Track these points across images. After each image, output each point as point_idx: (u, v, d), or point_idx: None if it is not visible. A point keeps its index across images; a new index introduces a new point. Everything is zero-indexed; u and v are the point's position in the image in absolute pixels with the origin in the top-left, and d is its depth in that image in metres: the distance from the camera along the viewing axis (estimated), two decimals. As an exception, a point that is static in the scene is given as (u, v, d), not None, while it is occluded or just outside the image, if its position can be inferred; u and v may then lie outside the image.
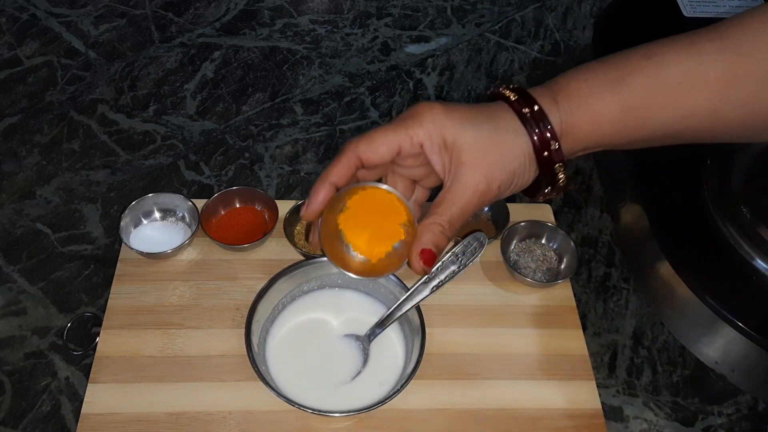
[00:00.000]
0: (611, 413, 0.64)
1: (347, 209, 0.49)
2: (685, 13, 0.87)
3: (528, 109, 0.45)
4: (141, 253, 0.68)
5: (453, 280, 0.65)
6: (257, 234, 0.71)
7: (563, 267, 0.71)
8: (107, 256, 0.72)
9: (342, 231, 0.49)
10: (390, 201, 0.50)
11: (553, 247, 0.73)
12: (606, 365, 0.68)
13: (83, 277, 0.71)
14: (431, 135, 0.46)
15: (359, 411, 0.59)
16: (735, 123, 0.45)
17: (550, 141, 0.45)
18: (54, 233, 0.74)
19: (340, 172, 0.47)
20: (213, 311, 0.67)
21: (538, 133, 0.45)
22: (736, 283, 0.65)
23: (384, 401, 0.58)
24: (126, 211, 0.70)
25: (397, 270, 0.49)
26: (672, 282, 0.66)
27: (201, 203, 0.72)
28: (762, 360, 0.62)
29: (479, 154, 0.45)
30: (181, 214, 0.73)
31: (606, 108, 0.45)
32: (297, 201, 0.73)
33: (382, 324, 0.64)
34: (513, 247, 0.73)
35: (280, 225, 0.72)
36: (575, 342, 0.67)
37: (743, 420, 0.65)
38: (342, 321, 0.67)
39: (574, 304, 0.70)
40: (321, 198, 0.47)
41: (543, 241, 0.73)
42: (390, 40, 1.00)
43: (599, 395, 0.63)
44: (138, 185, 0.79)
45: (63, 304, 0.69)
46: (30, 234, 0.74)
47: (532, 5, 1.07)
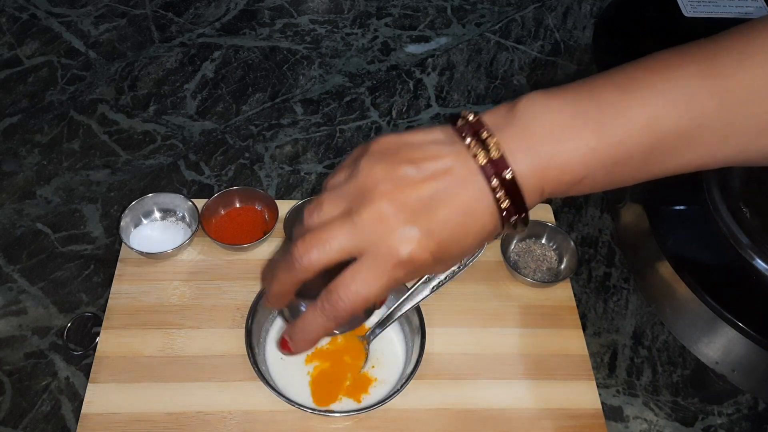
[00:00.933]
0: (611, 413, 0.64)
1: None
2: (685, 13, 0.87)
3: (484, 154, 0.39)
4: (141, 253, 0.68)
5: (453, 280, 0.65)
6: (257, 234, 0.71)
7: (563, 267, 0.71)
8: (107, 256, 0.72)
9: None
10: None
11: (553, 247, 0.73)
12: (606, 365, 0.68)
13: (83, 277, 0.71)
14: (412, 273, 0.41)
15: (359, 411, 0.59)
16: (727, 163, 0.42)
17: (505, 184, 0.40)
18: (54, 233, 0.74)
19: (298, 277, 0.42)
20: (213, 311, 0.67)
21: (497, 180, 0.40)
22: (736, 283, 0.65)
23: (384, 401, 0.58)
24: (126, 211, 0.70)
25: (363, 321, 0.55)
26: (672, 282, 0.66)
27: (201, 203, 0.72)
28: (762, 360, 0.62)
29: None
30: (181, 214, 0.73)
31: (574, 146, 0.40)
32: (297, 201, 0.73)
33: (382, 324, 0.64)
34: (513, 247, 0.73)
35: (280, 225, 0.72)
36: (575, 342, 0.67)
37: (743, 420, 0.65)
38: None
39: (574, 304, 0.70)
40: (284, 302, 0.46)
41: (543, 241, 0.73)
42: (390, 40, 1.00)
43: (599, 395, 0.63)
44: (138, 185, 0.79)
45: (63, 304, 0.69)
46: (30, 234, 0.74)
47: (532, 5, 1.07)
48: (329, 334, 0.45)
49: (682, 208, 0.70)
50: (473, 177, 0.40)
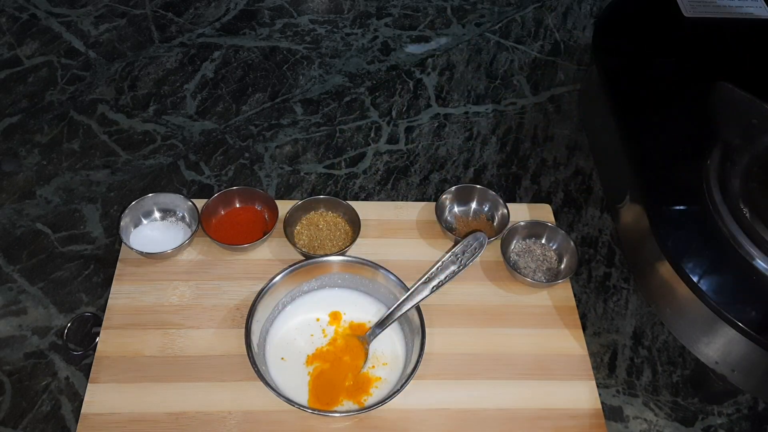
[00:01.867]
0: (611, 413, 0.64)
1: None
2: (685, 13, 0.86)
3: None
4: (141, 253, 0.68)
5: (453, 280, 0.65)
6: (257, 234, 0.71)
7: (563, 267, 0.71)
8: (107, 256, 0.72)
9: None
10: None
11: (553, 247, 0.73)
12: (606, 365, 0.68)
13: (83, 277, 0.71)
14: None
15: (359, 411, 0.59)
16: None
17: None
18: (54, 233, 0.74)
19: None
20: (213, 311, 0.67)
21: None
22: (736, 284, 0.65)
23: (384, 401, 0.58)
24: (126, 211, 0.70)
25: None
26: (672, 282, 0.66)
27: (201, 203, 0.72)
28: (762, 360, 0.62)
29: None
30: (181, 214, 0.73)
31: None
32: (297, 201, 0.73)
33: (382, 324, 0.64)
34: (513, 247, 0.73)
35: (280, 225, 0.72)
36: (575, 342, 0.67)
37: (743, 420, 0.65)
38: (342, 321, 0.66)
39: (574, 304, 0.70)
40: None
41: (543, 241, 0.73)
42: (390, 40, 1.00)
43: (599, 395, 0.63)
44: (138, 185, 0.79)
45: (63, 304, 0.69)
46: (30, 234, 0.74)
47: (532, 5, 1.07)
48: None
49: (682, 208, 0.70)
50: None
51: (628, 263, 0.75)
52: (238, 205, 0.74)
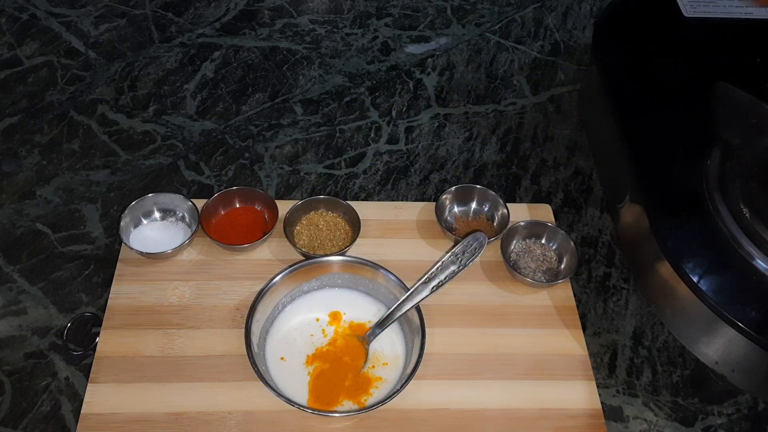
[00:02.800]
0: (611, 413, 0.64)
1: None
2: (685, 14, 0.86)
3: None
4: (141, 253, 0.68)
5: (453, 280, 0.65)
6: (257, 234, 0.71)
7: (563, 267, 0.71)
8: (107, 256, 0.72)
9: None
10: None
11: (553, 247, 0.73)
12: (606, 365, 0.68)
13: (83, 277, 0.71)
14: None
15: (359, 411, 0.59)
16: None
17: None
18: (54, 233, 0.74)
19: None
20: (213, 311, 0.67)
21: None
22: (736, 284, 0.65)
23: (384, 401, 0.58)
24: (126, 211, 0.70)
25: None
26: (672, 282, 0.66)
27: (201, 203, 0.72)
28: (762, 360, 0.62)
29: None
30: (181, 214, 0.73)
31: None
32: (297, 201, 0.73)
33: (382, 324, 0.64)
34: (513, 247, 0.73)
35: (280, 225, 0.72)
36: (575, 342, 0.67)
37: (743, 420, 0.65)
38: (342, 321, 0.67)
39: (574, 304, 0.70)
40: None
41: (543, 241, 0.73)
42: (390, 40, 1.00)
43: (599, 395, 0.63)
44: (138, 185, 0.79)
45: (63, 304, 0.69)
46: (30, 234, 0.74)
47: (532, 5, 1.07)
48: None
49: (682, 208, 0.70)
50: None
51: (628, 263, 0.75)
52: (238, 206, 0.74)
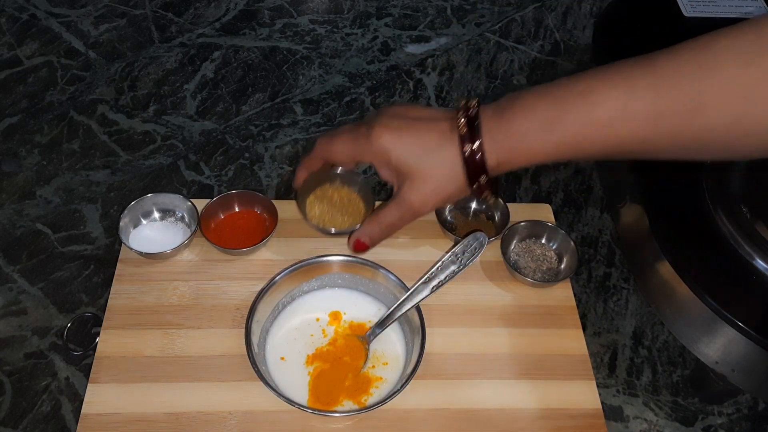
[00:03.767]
0: (611, 413, 0.64)
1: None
2: (685, 13, 0.87)
3: (470, 146, 0.52)
4: (140, 254, 0.68)
5: (453, 280, 0.65)
6: (256, 238, 0.71)
7: (563, 267, 0.71)
8: (107, 256, 0.72)
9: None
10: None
11: (553, 247, 0.73)
12: (606, 365, 0.68)
13: (83, 277, 0.71)
14: (379, 157, 0.56)
15: (359, 411, 0.59)
16: (665, 150, 0.48)
17: (482, 174, 0.53)
18: (54, 233, 0.74)
19: (312, 163, 0.63)
20: (213, 311, 0.67)
21: (474, 170, 0.52)
22: (736, 283, 0.65)
23: (384, 401, 0.58)
24: (125, 212, 0.70)
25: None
26: (672, 282, 0.66)
27: (201, 203, 0.72)
28: (762, 360, 0.62)
29: (420, 180, 0.54)
30: (181, 214, 0.73)
31: (541, 145, 0.51)
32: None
33: (382, 324, 0.64)
34: (513, 247, 0.73)
35: (280, 227, 0.72)
36: (575, 342, 0.67)
37: (743, 420, 0.65)
38: (342, 321, 0.67)
39: (574, 304, 0.70)
40: (302, 178, 0.65)
41: (543, 241, 0.73)
42: (390, 40, 1.00)
43: (599, 395, 0.63)
44: (138, 185, 0.79)
45: (63, 304, 0.69)
46: (30, 234, 0.74)
47: (532, 5, 1.07)
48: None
49: (682, 208, 0.70)
50: (455, 116, 0.53)
51: (628, 263, 0.75)
52: (237, 209, 0.73)
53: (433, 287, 0.64)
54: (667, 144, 0.48)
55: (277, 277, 0.65)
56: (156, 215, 0.73)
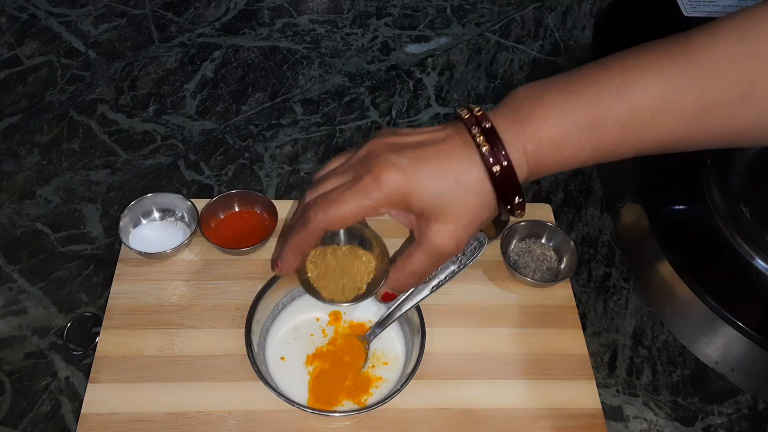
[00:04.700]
0: (611, 413, 0.64)
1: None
2: (685, 13, 0.86)
3: (498, 165, 0.44)
4: (140, 253, 0.68)
5: (453, 280, 0.65)
6: (256, 237, 0.71)
7: (563, 267, 0.71)
8: (107, 256, 0.72)
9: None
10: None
11: (553, 247, 0.73)
12: (606, 365, 0.68)
13: (83, 277, 0.71)
14: (396, 205, 0.46)
15: (359, 411, 0.59)
16: (703, 144, 0.45)
17: (516, 193, 0.45)
18: (54, 233, 0.74)
19: (308, 242, 0.49)
20: (213, 311, 0.67)
21: (507, 190, 0.45)
22: (736, 283, 0.65)
23: (384, 401, 0.58)
24: (125, 211, 0.70)
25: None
26: (672, 282, 0.66)
27: (201, 203, 0.72)
28: (762, 360, 0.62)
29: (450, 217, 0.46)
30: (180, 214, 0.72)
31: (576, 152, 0.45)
32: (296, 201, 0.73)
33: (382, 324, 0.64)
34: (513, 247, 0.73)
35: (280, 227, 0.72)
36: (575, 342, 0.67)
37: (743, 420, 0.65)
38: (342, 321, 0.67)
39: (574, 304, 0.70)
40: (294, 266, 0.51)
41: (543, 241, 0.73)
42: (390, 39, 1.00)
43: (599, 395, 0.63)
44: (138, 185, 0.79)
45: (63, 304, 0.69)
46: (30, 234, 0.74)
47: (532, 5, 1.07)
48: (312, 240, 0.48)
49: (682, 208, 0.70)
50: (462, 130, 0.46)
51: (628, 263, 0.75)
52: (237, 209, 0.73)
53: (433, 287, 0.64)
54: (708, 137, 0.44)
55: (277, 277, 0.65)
56: (156, 215, 0.73)
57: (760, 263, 0.64)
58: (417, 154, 0.45)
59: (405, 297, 0.64)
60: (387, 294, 0.53)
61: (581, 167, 0.47)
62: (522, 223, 0.72)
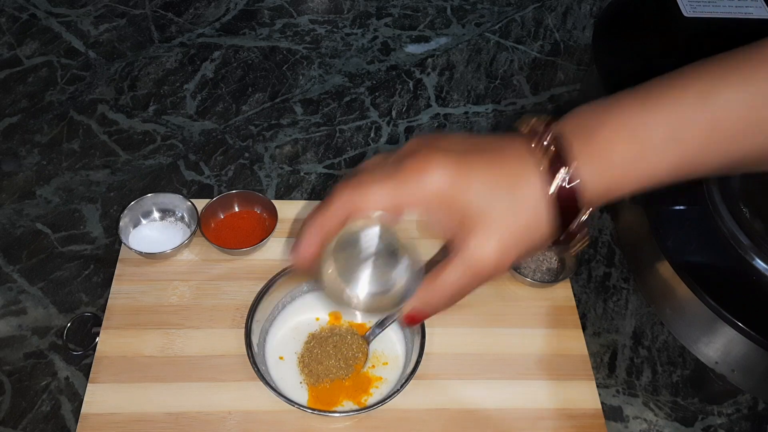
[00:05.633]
0: (611, 413, 0.64)
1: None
2: (685, 13, 0.86)
3: (562, 181, 0.38)
4: (140, 253, 0.68)
5: (453, 280, 0.65)
6: (256, 238, 0.71)
7: (563, 267, 0.71)
8: (107, 256, 0.72)
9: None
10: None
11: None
12: (606, 365, 0.68)
13: (83, 277, 0.71)
14: (435, 200, 0.40)
15: (359, 411, 0.59)
16: None
17: (576, 217, 0.40)
18: (54, 233, 0.74)
19: (330, 221, 0.42)
20: (213, 311, 0.67)
21: (567, 212, 0.39)
22: (736, 283, 0.65)
23: (384, 401, 0.58)
24: (125, 212, 0.70)
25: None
26: (672, 282, 0.66)
27: (200, 203, 0.72)
28: (762, 360, 0.62)
29: (495, 228, 0.39)
30: (180, 214, 0.72)
31: (653, 171, 0.39)
32: (296, 201, 0.73)
33: (382, 324, 0.64)
34: (513, 247, 0.73)
35: (280, 227, 0.72)
36: (575, 342, 0.67)
37: (743, 420, 0.65)
38: (342, 321, 0.66)
39: (574, 304, 0.70)
40: (312, 249, 0.43)
41: (543, 241, 0.73)
42: (390, 40, 1.00)
43: (599, 395, 0.63)
44: (138, 185, 0.79)
45: (63, 304, 0.69)
46: (30, 234, 0.74)
47: (532, 5, 1.07)
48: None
49: (682, 208, 0.70)
50: (524, 140, 0.40)
51: (628, 263, 0.75)
52: (237, 209, 0.73)
53: (433, 287, 0.64)
54: None
55: (277, 277, 0.65)
56: (156, 215, 0.73)
57: (760, 263, 0.64)
58: (471, 149, 0.40)
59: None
60: (410, 316, 0.45)
61: (654, 188, 0.41)
62: (522, 223, 0.72)
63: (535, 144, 0.39)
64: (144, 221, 0.72)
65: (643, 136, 0.39)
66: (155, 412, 0.60)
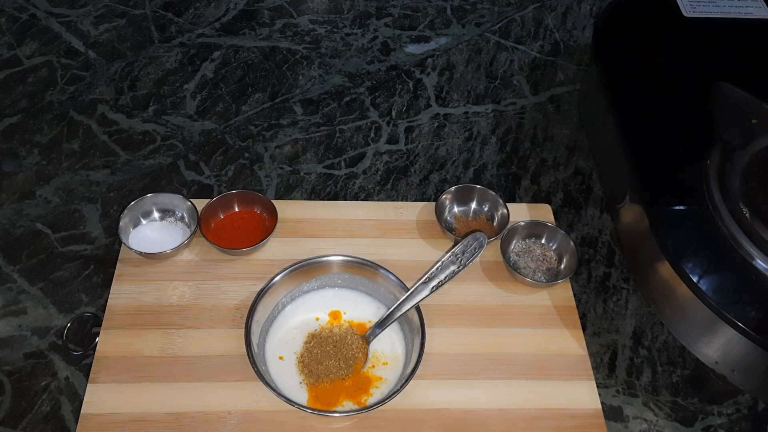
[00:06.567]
0: (611, 413, 0.64)
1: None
2: (685, 13, 0.86)
3: None
4: (140, 254, 0.68)
5: (453, 280, 0.65)
6: (256, 237, 0.71)
7: (563, 267, 0.71)
8: (107, 256, 0.72)
9: None
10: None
11: (553, 247, 0.73)
12: (606, 365, 0.68)
13: (83, 277, 0.71)
14: None
15: (359, 411, 0.59)
16: None
17: None
18: (54, 233, 0.74)
19: None
20: (213, 311, 0.67)
21: None
22: (736, 283, 0.65)
23: (384, 401, 0.58)
24: (125, 212, 0.70)
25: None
26: (672, 282, 0.66)
27: (200, 203, 0.72)
28: (762, 360, 0.62)
29: None
30: (180, 214, 0.72)
31: None
32: (296, 201, 0.73)
33: (382, 324, 0.64)
34: (513, 247, 0.73)
35: (279, 227, 0.72)
36: (575, 342, 0.67)
37: (743, 420, 0.65)
38: (342, 321, 0.66)
39: (574, 304, 0.70)
40: None
41: (543, 241, 0.73)
42: (390, 40, 1.00)
43: (599, 395, 0.63)
44: (138, 185, 0.79)
45: (63, 304, 0.69)
46: (30, 234, 0.74)
47: (531, 5, 1.07)
48: None
49: (682, 208, 0.70)
50: None
51: (628, 263, 0.75)
52: (237, 209, 0.73)
53: (433, 287, 0.64)
54: None
55: (277, 277, 0.65)
56: (156, 215, 0.73)
57: (760, 263, 0.64)
58: None
59: (405, 297, 0.64)
60: None
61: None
62: (522, 224, 0.72)
63: None
64: (144, 221, 0.72)
65: None
66: (155, 412, 0.60)
